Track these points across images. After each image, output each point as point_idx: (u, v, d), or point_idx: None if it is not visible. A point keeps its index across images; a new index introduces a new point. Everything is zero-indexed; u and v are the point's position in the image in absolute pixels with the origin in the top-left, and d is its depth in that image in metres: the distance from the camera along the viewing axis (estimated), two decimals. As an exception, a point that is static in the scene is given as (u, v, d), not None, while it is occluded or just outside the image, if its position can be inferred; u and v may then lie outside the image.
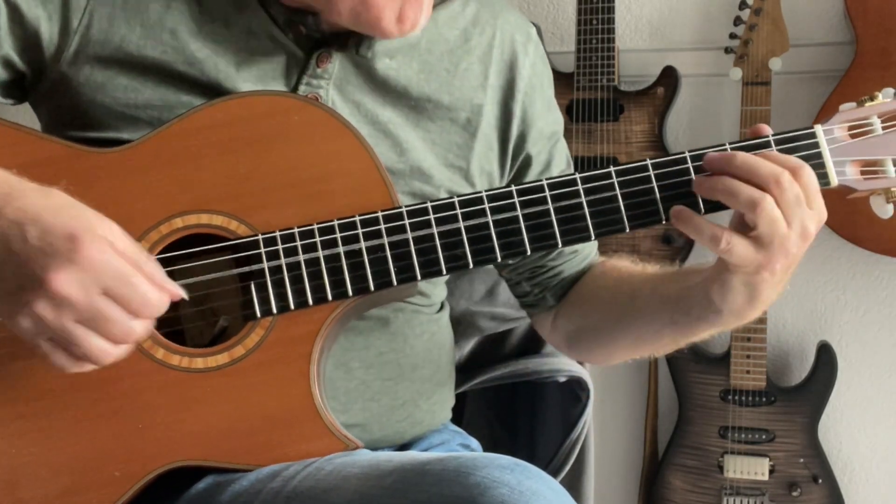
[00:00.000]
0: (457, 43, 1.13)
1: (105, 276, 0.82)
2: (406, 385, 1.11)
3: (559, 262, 1.19)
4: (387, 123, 1.07)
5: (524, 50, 1.17)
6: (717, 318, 1.00)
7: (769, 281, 0.95)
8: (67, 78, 1.02)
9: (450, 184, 1.11)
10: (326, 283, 0.94)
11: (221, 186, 0.96)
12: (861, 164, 0.97)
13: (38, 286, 0.81)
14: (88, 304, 0.82)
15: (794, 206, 0.90)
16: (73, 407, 0.93)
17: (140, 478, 0.92)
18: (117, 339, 0.84)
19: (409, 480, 0.83)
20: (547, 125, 1.19)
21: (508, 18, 1.18)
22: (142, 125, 1.00)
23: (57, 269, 0.80)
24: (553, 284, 1.20)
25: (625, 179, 0.96)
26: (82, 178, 0.94)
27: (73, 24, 1.01)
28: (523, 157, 1.17)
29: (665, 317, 1.06)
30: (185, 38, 1.02)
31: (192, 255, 0.95)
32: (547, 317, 1.22)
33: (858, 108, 0.98)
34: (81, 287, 0.81)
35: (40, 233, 0.82)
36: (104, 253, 0.82)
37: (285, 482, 0.90)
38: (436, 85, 1.10)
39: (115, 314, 0.83)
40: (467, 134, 1.12)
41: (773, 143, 0.96)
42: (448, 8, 1.14)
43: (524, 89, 1.16)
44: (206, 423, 0.93)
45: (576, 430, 1.29)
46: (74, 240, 0.81)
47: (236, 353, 0.94)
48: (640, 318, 1.10)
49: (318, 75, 1.04)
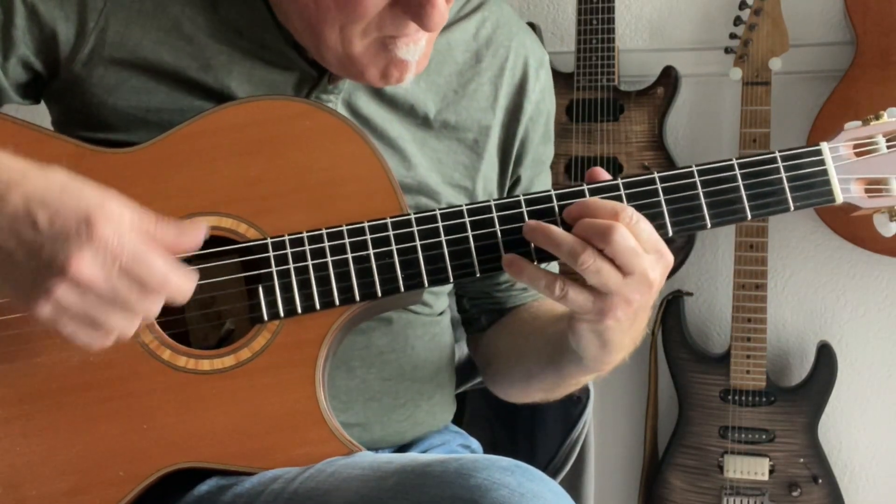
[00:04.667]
0: (467, 64, 1.13)
1: (122, 254, 0.81)
2: (406, 385, 1.11)
3: (505, 294, 1.20)
4: (396, 139, 1.08)
5: (536, 75, 1.17)
6: (582, 363, 1.01)
7: (616, 328, 0.95)
8: (80, 78, 1.01)
9: (455, 202, 1.10)
10: (334, 287, 0.94)
11: (231, 189, 0.96)
12: (865, 182, 0.98)
13: (57, 272, 0.80)
14: (110, 284, 0.81)
15: (631, 256, 0.89)
16: (78, 406, 0.93)
17: (144, 478, 0.92)
18: (138, 314, 0.84)
19: (410, 482, 0.83)
20: (540, 154, 1.20)
21: (524, 41, 1.17)
22: (152, 128, 0.99)
23: (75, 253, 0.80)
24: (489, 308, 1.22)
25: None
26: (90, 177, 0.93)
27: (89, 25, 1.01)
28: (515, 177, 1.18)
29: (546, 356, 1.08)
30: (201, 45, 1.02)
31: (200, 257, 0.94)
32: (474, 339, 1.25)
33: (864, 126, 0.99)
34: (102, 268, 0.81)
35: (50, 216, 0.81)
36: (119, 232, 0.81)
37: (286, 484, 0.90)
38: (443, 105, 1.10)
39: (136, 291, 0.83)
40: (474, 154, 1.12)
41: (779, 160, 0.96)
42: (462, 29, 1.13)
43: (530, 114, 1.16)
44: (210, 425, 0.93)
45: (576, 431, 1.29)
46: (88, 221, 0.80)
47: (242, 355, 0.94)
48: (529, 354, 1.12)
49: (328, 91, 1.05)
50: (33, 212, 0.81)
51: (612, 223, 0.89)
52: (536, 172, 1.20)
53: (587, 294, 0.91)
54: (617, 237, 0.89)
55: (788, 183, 0.96)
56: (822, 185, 0.96)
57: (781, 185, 0.96)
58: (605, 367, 1.02)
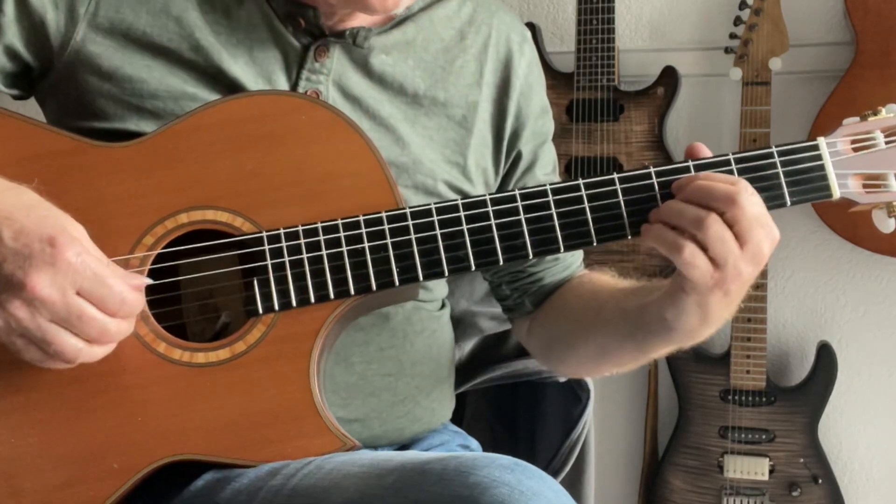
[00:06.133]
0: (452, 41, 1.14)
1: (81, 277, 0.83)
2: (406, 381, 1.11)
3: (539, 268, 1.20)
4: (387, 118, 1.09)
5: (520, 50, 1.18)
6: (671, 336, 1.01)
7: (721, 303, 0.95)
8: (73, 67, 1.02)
9: (450, 178, 1.12)
10: (329, 281, 0.95)
11: (227, 184, 0.96)
12: (863, 177, 0.98)
13: (14, 288, 0.82)
14: (64, 304, 0.83)
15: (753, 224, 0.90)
16: (73, 399, 0.93)
17: (138, 470, 0.93)
18: (92, 337, 0.86)
19: (410, 479, 0.84)
20: (539, 126, 1.20)
21: (504, 19, 1.19)
22: (146, 115, 1.01)
23: (35, 271, 0.82)
24: (532, 290, 1.21)
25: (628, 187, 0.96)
26: (88, 172, 0.95)
27: (79, 11, 1.02)
28: (515, 153, 1.18)
29: (625, 330, 1.07)
30: (191, 26, 1.03)
31: (196, 250, 0.95)
32: (524, 322, 1.24)
33: (862, 122, 0.99)
34: (59, 288, 0.83)
35: (14, 234, 0.83)
36: (80, 255, 0.84)
37: (286, 480, 0.90)
38: (431, 81, 1.12)
39: (91, 313, 0.85)
40: (463, 130, 1.13)
41: (776, 155, 0.96)
42: (444, 7, 1.15)
43: (520, 88, 1.17)
44: (205, 418, 0.94)
45: (576, 430, 1.29)
46: (53, 242, 0.83)
47: (237, 348, 0.95)
48: (604, 330, 1.11)
49: (316, 70, 1.06)
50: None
51: (739, 188, 0.90)
52: (538, 144, 1.20)
53: (708, 263, 0.91)
54: (744, 202, 0.90)
55: (785, 178, 0.96)
56: (819, 179, 0.96)
57: (778, 180, 0.96)
58: (696, 340, 1.01)
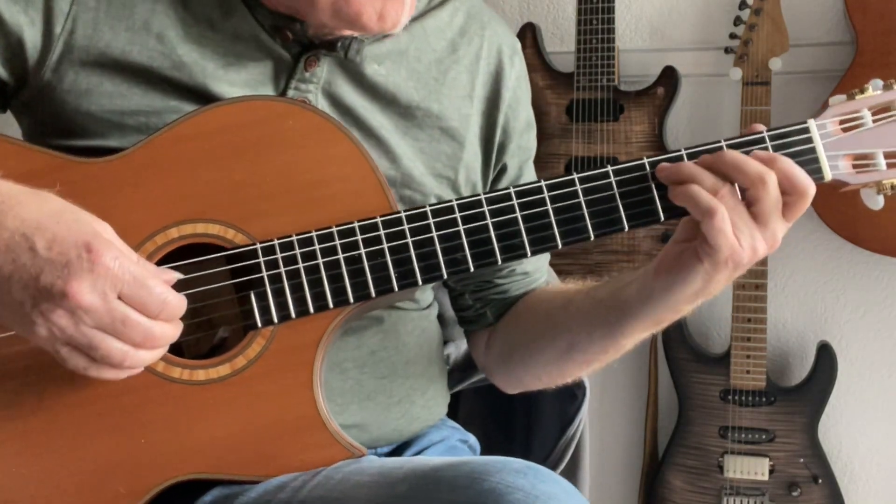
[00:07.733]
0: (445, 52, 1.12)
1: (121, 281, 0.82)
2: (400, 382, 1.11)
3: (508, 280, 1.18)
4: (378, 129, 1.06)
5: (510, 62, 1.17)
6: (647, 315, 1.00)
7: (727, 276, 0.96)
8: (51, 85, 0.99)
9: (439, 192, 1.10)
10: (327, 290, 0.93)
11: (217, 195, 0.94)
12: (853, 157, 0.97)
13: (56, 297, 0.80)
14: (108, 310, 0.82)
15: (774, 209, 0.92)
16: (74, 423, 0.91)
17: (145, 493, 0.91)
18: (137, 342, 0.84)
19: (422, 488, 0.83)
20: (525, 141, 1.19)
21: (496, 30, 1.17)
22: (129, 132, 0.98)
23: (75, 279, 0.80)
24: (495, 302, 1.19)
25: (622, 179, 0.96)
26: (72, 189, 0.91)
27: (56, 29, 0.98)
28: (500, 166, 1.17)
29: (597, 318, 1.06)
30: (172, 43, 1.00)
31: (189, 265, 0.93)
32: (482, 336, 1.21)
33: (849, 101, 0.98)
34: (100, 294, 0.81)
35: (48, 242, 0.81)
36: (118, 259, 0.82)
37: (294, 493, 0.90)
38: (424, 93, 1.09)
39: (134, 317, 0.83)
40: (456, 143, 1.12)
41: (767, 139, 0.95)
42: (436, 17, 1.13)
43: (509, 101, 1.15)
44: (209, 436, 0.92)
45: (571, 428, 1.29)
46: (89, 248, 0.81)
47: (238, 363, 0.93)
48: (574, 320, 1.09)
49: (306, 79, 1.03)
50: (31, 236, 0.82)
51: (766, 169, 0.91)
52: (523, 160, 1.19)
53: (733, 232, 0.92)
54: (771, 184, 0.91)
55: None
56: (811, 163, 0.95)
57: None
58: (675, 317, 1.01)
